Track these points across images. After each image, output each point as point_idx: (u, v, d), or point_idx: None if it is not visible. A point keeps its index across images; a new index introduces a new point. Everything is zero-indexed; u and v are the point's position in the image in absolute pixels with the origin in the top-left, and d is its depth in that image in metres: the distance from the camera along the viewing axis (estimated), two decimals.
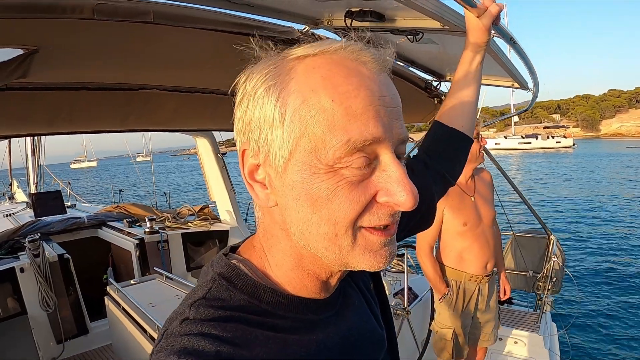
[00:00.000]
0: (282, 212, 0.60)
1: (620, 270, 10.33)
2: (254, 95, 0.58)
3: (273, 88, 0.56)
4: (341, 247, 0.57)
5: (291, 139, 0.55)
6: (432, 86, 2.56)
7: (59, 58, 1.29)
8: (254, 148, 0.59)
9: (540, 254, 3.97)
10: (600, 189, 23.83)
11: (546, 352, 3.44)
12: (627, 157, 45.12)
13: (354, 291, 0.78)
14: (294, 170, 0.56)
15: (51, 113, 1.86)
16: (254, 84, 0.59)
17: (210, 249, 5.28)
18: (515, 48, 1.59)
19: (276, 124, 0.56)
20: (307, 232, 0.58)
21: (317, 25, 1.53)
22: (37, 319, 3.77)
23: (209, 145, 4.98)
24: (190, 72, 1.85)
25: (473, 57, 1.09)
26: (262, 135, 0.58)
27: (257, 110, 0.58)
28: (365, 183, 0.56)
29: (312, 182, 0.55)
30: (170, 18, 1.01)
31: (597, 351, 6.57)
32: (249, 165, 0.61)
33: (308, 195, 0.55)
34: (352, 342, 0.70)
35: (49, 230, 4.70)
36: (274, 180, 0.59)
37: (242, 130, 0.61)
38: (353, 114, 0.53)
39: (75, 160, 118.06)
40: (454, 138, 1.11)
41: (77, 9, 0.85)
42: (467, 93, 1.11)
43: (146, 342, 2.58)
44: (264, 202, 0.61)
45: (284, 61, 0.59)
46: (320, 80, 0.54)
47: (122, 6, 0.92)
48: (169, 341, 0.55)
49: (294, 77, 0.56)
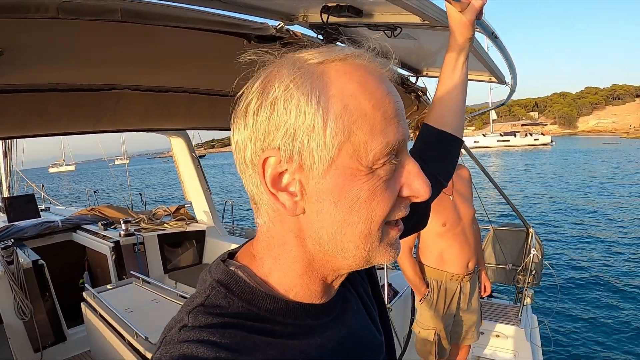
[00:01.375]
0: (308, 218, 0.60)
1: (599, 261, 10.55)
2: (286, 101, 0.56)
3: (311, 94, 0.56)
4: (372, 244, 0.60)
5: (334, 144, 0.56)
6: (408, 81, 2.55)
7: (26, 60, 1.27)
8: (285, 155, 0.57)
9: (519, 247, 4.00)
10: (577, 185, 24.35)
11: (528, 345, 3.45)
12: (603, 153, 46.07)
13: (353, 296, 0.79)
14: (335, 174, 0.57)
15: (22, 115, 1.84)
16: (286, 88, 0.57)
17: (187, 249, 5.26)
18: (496, 43, 1.58)
19: (317, 130, 0.56)
20: (341, 233, 0.59)
21: (292, 21, 1.50)
22: (13, 327, 3.68)
23: (183, 144, 4.95)
24: (162, 71, 1.83)
25: (458, 54, 1.06)
26: (297, 142, 0.56)
27: (293, 116, 0.56)
28: (393, 180, 0.60)
29: (352, 184, 0.57)
30: (139, 16, 0.97)
31: (578, 342, 6.66)
32: (273, 173, 0.59)
33: (347, 198, 0.57)
34: (351, 347, 0.70)
35: (23, 236, 4.61)
36: (309, 186, 0.59)
37: (263, 138, 0.58)
38: (388, 118, 0.57)
39: (54, 164, 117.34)
40: (444, 140, 1.10)
41: (42, 7, 0.82)
42: (454, 93, 1.09)
43: (124, 349, 2.53)
44: (291, 210, 0.60)
45: (310, 65, 0.58)
46: (358, 86, 0.57)
47: (88, 4, 0.89)
48: (167, 348, 0.55)
49: (331, 82, 0.57)
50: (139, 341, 2.41)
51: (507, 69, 2.20)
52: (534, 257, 3.60)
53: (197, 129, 3.34)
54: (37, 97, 1.70)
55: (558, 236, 13.26)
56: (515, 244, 4.05)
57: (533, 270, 3.62)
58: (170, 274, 5.02)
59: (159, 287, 3.23)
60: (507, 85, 2.56)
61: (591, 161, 38.31)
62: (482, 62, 2.02)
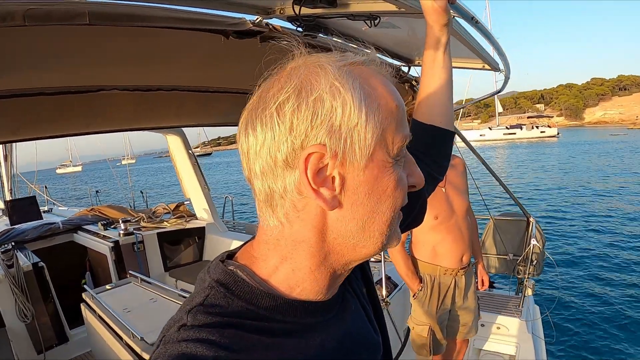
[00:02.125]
0: (340, 212, 0.62)
1: (602, 252, 10.52)
2: (333, 98, 0.59)
3: (355, 92, 0.60)
4: (392, 229, 0.66)
5: (373, 139, 0.60)
6: (401, 71, 2.52)
7: (7, 66, 1.27)
8: (331, 150, 0.59)
9: (520, 237, 3.97)
10: (582, 176, 24.24)
11: (530, 337, 3.41)
12: (610, 145, 45.78)
13: (352, 296, 0.80)
14: (372, 167, 0.61)
15: (15, 120, 1.87)
16: (331, 85, 0.59)
17: (187, 246, 5.29)
18: (478, 27, 1.54)
19: (360, 126, 0.59)
20: (371, 222, 0.63)
21: (270, 14, 1.47)
22: (15, 330, 3.71)
23: (180, 142, 4.97)
24: (148, 70, 1.83)
25: (436, 42, 1.03)
26: (342, 137, 0.59)
27: (339, 113, 0.59)
28: (404, 170, 0.67)
29: (384, 175, 0.62)
30: (107, 18, 0.95)
31: (581, 333, 6.63)
32: (314, 169, 0.59)
33: (379, 188, 0.62)
34: (349, 346, 0.71)
35: (24, 239, 4.63)
36: (348, 179, 0.61)
37: (305, 134, 0.59)
38: (403, 116, 0.65)
39: (61, 165, 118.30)
40: (436, 136, 1.09)
41: (8, 16, 0.81)
42: (439, 83, 1.06)
43: (122, 350, 2.54)
44: (331, 205, 0.61)
45: (346, 66, 0.62)
46: (384, 87, 0.63)
47: (54, 9, 0.86)
48: (166, 347, 0.56)
49: (367, 84, 0.62)
50: (135, 341, 2.41)
51: (497, 55, 2.16)
52: (535, 247, 3.56)
53: (190, 126, 3.35)
54: (26, 102, 1.71)
55: (560, 226, 13.26)
56: (515, 233, 4.01)
57: (534, 260, 3.57)
58: (171, 271, 5.04)
59: (157, 286, 3.23)
60: (501, 72, 2.52)
61: (597, 153, 38.17)
62: (472, 49, 1.99)
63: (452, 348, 3.15)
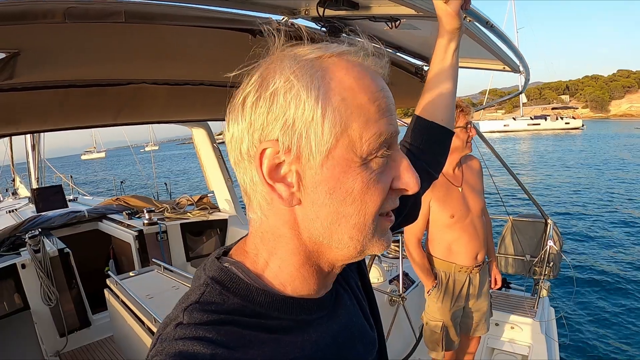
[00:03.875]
0: (303, 209, 0.62)
1: (620, 254, 10.24)
2: (286, 93, 0.58)
3: (311, 86, 0.57)
4: (366, 235, 0.62)
5: (332, 135, 0.57)
6: (422, 71, 2.53)
7: (42, 59, 1.30)
8: (284, 146, 0.58)
9: (538, 238, 3.94)
10: (605, 174, 23.52)
11: (543, 338, 3.41)
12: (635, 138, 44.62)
13: (346, 292, 0.80)
14: (331, 165, 0.58)
15: (44, 111, 1.90)
16: (287, 80, 0.58)
17: (209, 238, 5.32)
18: (493, 31, 1.56)
19: (316, 121, 0.57)
20: (336, 224, 0.60)
21: (295, 15, 1.51)
22: (40, 313, 3.80)
23: (205, 135, 4.98)
24: (177, 65, 1.85)
25: (447, 45, 1.06)
26: (295, 133, 0.58)
27: (292, 108, 0.57)
28: (385, 173, 0.62)
29: (347, 175, 0.58)
30: (142, 17, 0.99)
31: (595, 336, 6.53)
32: (270, 164, 0.59)
33: (343, 189, 0.59)
34: (344, 341, 0.71)
35: (50, 225, 4.71)
36: (306, 177, 0.60)
37: (261, 129, 0.59)
38: (382, 112, 0.59)
39: (86, 151, 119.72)
40: (435, 133, 1.10)
41: (49, 14, 0.85)
42: (445, 84, 1.08)
43: (144, 334, 2.60)
44: (287, 201, 0.61)
45: (310, 59, 0.60)
46: (354, 80, 0.59)
47: (93, 8, 0.91)
48: (163, 345, 0.55)
49: (329, 76, 0.59)
50: (157, 326, 2.47)
51: (514, 57, 2.17)
52: (552, 248, 3.55)
53: (216, 120, 3.39)
54: (57, 93, 1.74)
55: (580, 227, 12.83)
56: (533, 235, 3.98)
57: (550, 262, 3.56)
58: (193, 262, 5.09)
59: (179, 274, 3.28)
60: (521, 74, 2.52)
61: (622, 147, 37.20)
62: (491, 51, 2.00)
63: (464, 345, 3.18)
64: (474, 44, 1.82)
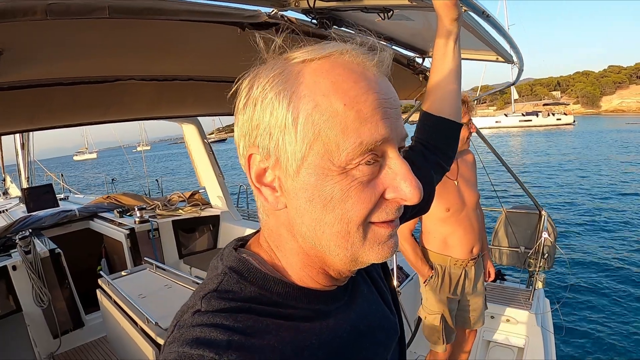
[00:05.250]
0: (291, 214, 0.61)
1: (614, 245, 10.42)
2: (262, 100, 0.58)
3: (283, 93, 0.57)
4: (353, 244, 0.59)
5: (304, 143, 0.56)
6: (415, 63, 2.51)
7: (26, 57, 1.28)
8: (263, 152, 0.60)
9: (532, 230, 3.94)
10: (596, 166, 23.89)
11: (539, 330, 3.41)
12: (626, 134, 45.01)
13: (364, 280, 0.80)
14: (307, 172, 0.57)
15: (31, 110, 1.87)
16: (262, 88, 0.58)
17: (202, 234, 5.33)
18: (489, 21, 1.54)
19: (288, 129, 0.56)
20: (320, 231, 0.59)
21: (285, 7, 1.48)
22: (32, 315, 3.78)
23: (195, 131, 5.00)
24: (165, 60, 1.83)
25: (447, 36, 1.04)
26: (272, 140, 0.58)
27: (267, 115, 0.58)
28: (374, 182, 0.58)
29: (325, 184, 0.56)
30: (127, 11, 0.97)
31: (591, 327, 6.59)
32: (257, 169, 0.62)
33: (321, 197, 0.57)
34: (363, 330, 0.71)
35: (41, 225, 4.69)
36: (285, 183, 0.60)
37: (248, 134, 0.61)
38: (364, 117, 0.55)
39: (78, 152, 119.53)
40: (444, 127, 1.09)
41: (30, 11, 0.83)
42: (448, 77, 1.07)
43: (137, 335, 2.59)
44: (273, 205, 0.62)
45: (289, 64, 0.59)
46: (331, 85, 0.56)
47: (75, 3, 0.89)
48: (181, 332, 0.56)
49: (304, 82, 0.57)
50: (150, 326, 2.45)
51: (509, 48, 2.15)
52: (546, 240, 3.55)
53: (206, 115, 3.38)
54: (44, 92, 1.72)
55: (574, 219, 13.07)
56: (527, 226, 3.99)
57: (545, 253, 3.57)
58: (185, 259, 5.09)
59: (171, 273, 3.27)
60: (515, 64, 2.51)
61: (612, 143, 37.52)
62: (485, 41, 1.98)
63: (461, 338, 3.17)
64: (468, 34, 1.81)
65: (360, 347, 0.69)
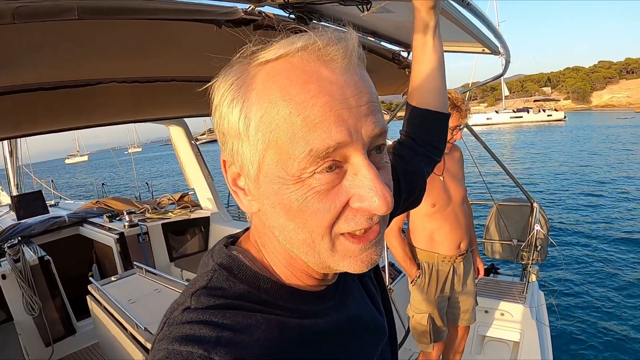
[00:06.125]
0: (264, 217, 0.61)
1: (606, 236, 10.50)
2: (221, 107, 0.58)
3: (236, 100, 0.56)
4: (320, 253, 0.57)
5: (257, 151, 0.55)
6: (400, 57, 2.48)
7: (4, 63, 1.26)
8: (229, 158, 0.61)
9: (524, 222, 3.92)
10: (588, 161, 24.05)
11: (534, 323, 3.39)
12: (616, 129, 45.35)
13: (354, 281, 0.80)
14: (266, 180, 0.56)
15: (15, 116, 1.88)
16: (222, 95, 0.58)
17: (192, 236, 5.32)
18: (470, 9, 1.51)
19: (242, 137, 0.56)
20: (288, 237, 0.58)
21: (261, 2, 1.45)
22: (23, 324, 3.76)
23: (182, 132, 5.01)
24: (145, 62, 1.81)
25: (425, 26, 1.00)
26: (233, 147, 0.58)
27: (226, 123, 0.57)
28: (336, 190, 0.54)
29: (282, 192, 0.55)
30: (96, 12, 0.94)
31: (585, 318, 6.60)
32: (231, 173, 0.62)
33: (282, 205, 0.56)
34: (351, 331, 0.71)
35: (30, 233, 4.68)
36: (254, 190, 0.60)
37: (220, 141, 0.62)
38: (312, 123, 0.51)
39: (69, 155, 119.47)
40: (431, 119, 1.07)
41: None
42: (430, 67, 1.03)
43: (127, 341, 2.56)
44: (247, 208, 0.63)
45: (248, 68, 0.57)
46: (278, 91, 0.52)
47: (43, 5, 0.86)
48: (170, 329, 0.56)
49: (255, 88, 0.54)
50: (139, 332, 2.43)
51: (493, 38, 2.12)
52: (539, 232, 3.53)
53: (191, 117, 3.36)
54: (25, 98, 1.70)
55: (565, 212, 13.22)
56: (519, 219, 3.97)
57: (538, 246, 3.55)
58: (176, 262, 5.09)
59: (161, 277, 3.25)
60: (501, 55, 2.48)
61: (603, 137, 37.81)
62: (468, 32, 1.95)
63: (453, 335, 3.14)
64: (451, 25, 1.77)
65: (346, 347, 0.69)
